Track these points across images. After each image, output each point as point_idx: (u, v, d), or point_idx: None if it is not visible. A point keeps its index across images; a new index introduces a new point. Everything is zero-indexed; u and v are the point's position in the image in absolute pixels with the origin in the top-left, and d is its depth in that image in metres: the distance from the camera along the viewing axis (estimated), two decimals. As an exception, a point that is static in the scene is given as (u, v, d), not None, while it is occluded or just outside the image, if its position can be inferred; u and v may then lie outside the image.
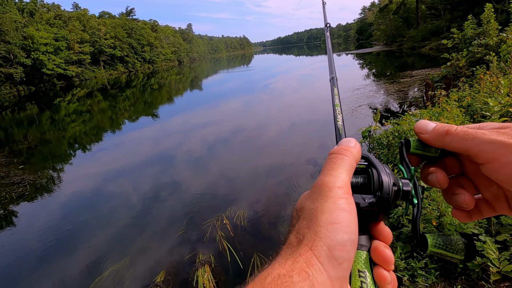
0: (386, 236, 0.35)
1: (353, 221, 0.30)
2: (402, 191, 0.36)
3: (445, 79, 6.06)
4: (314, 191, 0.32)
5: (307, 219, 0.30)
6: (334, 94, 0.56)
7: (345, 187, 0.32)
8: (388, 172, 0.35)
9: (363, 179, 0.36)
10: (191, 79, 33.31)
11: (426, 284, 2.05)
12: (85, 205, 5.27)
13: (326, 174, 0.33)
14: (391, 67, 19.78)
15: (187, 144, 8.30)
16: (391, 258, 0.32)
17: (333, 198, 0.30)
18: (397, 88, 11.23)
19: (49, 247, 4.08)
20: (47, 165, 7.96)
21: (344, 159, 0.34)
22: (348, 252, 0.28)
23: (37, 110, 19.38)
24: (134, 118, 13.95)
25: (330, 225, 0.28)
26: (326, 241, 0.28)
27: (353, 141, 0.37)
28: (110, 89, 28.77)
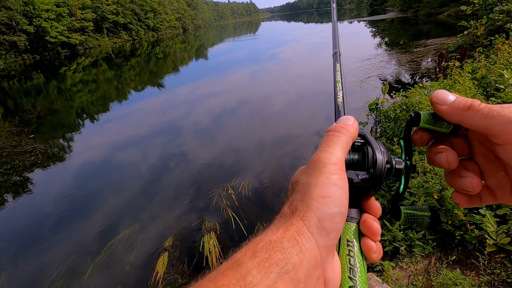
0: (376, 210, 0.37)
1: (344, 196, 0.31)
2: (394, 169, 0.37)
3: (460, 49, 5.75)
4: (309, 166, 0.34)
5: (301, 192, 0.31)
6: (336, 70, 0.55)
7: (339, 163, 0.33)
8: (383, 150, 0.36)
9: (358, 156, 0.37)
10: (196, 47, 32.44)
11: (422, 253, 2.12)
12: (96, 173, 5.44)
13: (322, 150, 0.34)
14: (405, 36, 18.81)
15: (193, 114, 8.30)
16: (378, 230, 0.34)
17: (327, 174, 0.31)
18: (410, 58, 10.77)
19: (65, 213, 4.30)
20: (57, 134, 8.13)
21: (340, 136, 0.35)
22: (336, 223, 0.30)
23: (43, 80, 19.36)
24: (140, 88, 13.87)
25: (322, 198, 0.30)
26: (317, 213, 0.29)
27: (351, 119, 0.38)
28: (114, 58, 28.32)
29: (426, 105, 2.99)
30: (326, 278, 0.30)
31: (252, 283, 0.24)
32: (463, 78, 3.49)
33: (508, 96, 3.38)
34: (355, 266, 0.32)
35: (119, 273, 3.02)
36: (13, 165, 6.00)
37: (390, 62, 10.74)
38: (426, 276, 1.85)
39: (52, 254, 3.47)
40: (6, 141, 7.44)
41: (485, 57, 4.39)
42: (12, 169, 5.85)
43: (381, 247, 0.35)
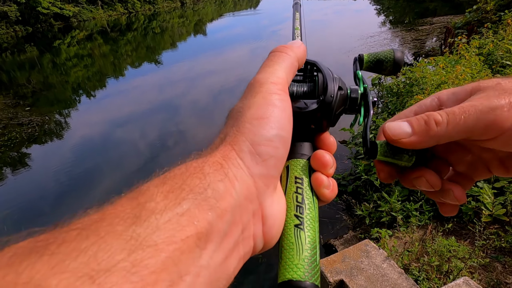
0: (330, 144, 0.33)
1: (285, 118, 0.27)
2: (349, 98, 0.33)
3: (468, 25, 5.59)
4: (245, 91, 0.29)
5: (233, 118, 0.27)
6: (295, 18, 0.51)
7: (280, 83, 0.28)
8: (335, 77, 0.33)
9: (308, 87, 0.34)
10: (194, 23, 31.43)
11: (418, 223, 2.17)
12: (95, 149, 5.43)
13: (260, 71, 0.30)
14: (410, 14, 18.28)
15: (192, 92, 8.19)
16: (330, 162, 0.30)
17: (263, 93, 0.27)
18: (414, 36, 10.52)
19: (65, 188, 4.33)
20: (53, 109, 8.02)
21: (282, 56, 0.31)
22: (275, 148, 0.25)
23: (37, 53, 18.84)
24: (137, 64, 13.57)
25: (256, 120, 0.25)
26: (249, 136, 0.25)
27: (298, 42, 0.34)
28: (110, 32, 27.47)
29: (430, 80, 2.94)
30: (264, 214, 0.25)
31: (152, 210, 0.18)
32: (469, 53, 3.42)
33: (514, 73, 3.32)
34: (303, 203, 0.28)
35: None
36: (10, 137, 5.96)
37: (394, 40, 10.49)
38: (422, 244, 1.90)
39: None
40: (2, 113, 7.35)
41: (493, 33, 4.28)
42: (9, 141, 5.81)
43: (336, 183, 0.31)
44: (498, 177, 2.33)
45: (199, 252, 0.19)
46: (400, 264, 1.74)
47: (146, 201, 0.19)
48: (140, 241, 0.16)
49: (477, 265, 1.79)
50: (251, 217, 0.24)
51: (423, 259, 1.79)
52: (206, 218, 0.19)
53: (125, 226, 0.17)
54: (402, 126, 0.30)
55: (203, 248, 0.19)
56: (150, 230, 0.17)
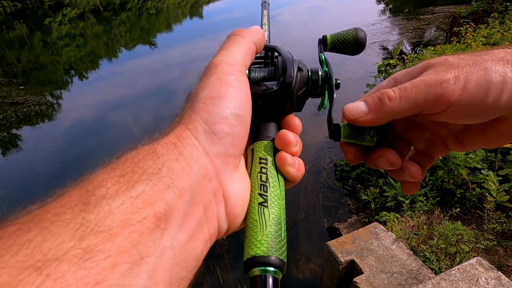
0: (295, 125, 0.33)
1: (241, 97, 0.27)
2: (310, 79, 0.33)
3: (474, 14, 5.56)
4: (202, 73, 0.29)
5: (189, 101, 0.27)
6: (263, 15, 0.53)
7: (236, 64, 0.28)
8: (296, 59, 0.33)
9: (269, 71, 0.34)
10: (191, 4, 30.53)
11: (424, 209, 2.21)
12: (87, 132, 5.32)
13: (217, 54, 0.30)
14: (411, 3, 18.06)
15: (187, 77, 8.01)
16: (292, 140, 0.30)
17: (218, 74, 0.27)
18: (416, 25, 10.43)
19: (58, 170, 4.26)
20: (45, 90, 7.80)
21: (238, 39, 0.31)
22: (231, 126, 0.25)
23: (26, 31, 18.16)
24: (131, 46, 13.20)
25: (210, 99, 0.25)
26: (203, 115, 0.25)
27: (257, 27, 0.34)
28: (103, 11, 26.56)
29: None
30: (226, 194, 0.25)
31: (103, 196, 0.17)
32: (476, 42, 3.41)
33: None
34: (267, 182, 0.28)
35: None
36: (5, 116, 5.80)
37: (395, 29, 10.41)
38: (429, 227, 1.95)
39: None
40: (-6, 92, 7.15)
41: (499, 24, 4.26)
42: (5, 120, 5.66)
43: (302, 162, 0.31)
44: (502, 165, 2.38)
45: (160, 232, 0.18)
46: (408, 246, 1.78)
47: (95, 188, 0.18)
48: (91, 227, 0.15)
49: (481, 248, 1.84)
50: (212, 197, 0.24)
51: (431, 241, 1.83)
52: (163, 198, 0.19)
53: (72, 214, 0.16)
54: (358, 105, 0.31)
55: (164, 229, 0.18)
56: (102, 215, 0.16)
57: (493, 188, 2.13)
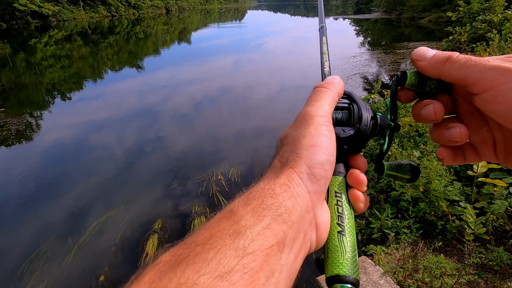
0: (362, 164, 0.38)
1: (331, 145, 0.33)
2: (379, 125, 0.38)
3: (444, 53, 6.05)
4: (297, 121, 0.35)
5: (290, 144, 0.33)
6: (322, 42, 0.58)
7: (326, 116, 0.34)
8: (368, 108, 0.38)
9: (344, 115, 0.39)
10: (179, 30, 31.30)
11: (408, 241, 2.27)
12: (67, 154, 5.16)
13: (309, 105, 0.36)
14: (387, 37, 19.39)
15: (172, 100, 8.08)
16: (364, 180, 0.36)
17: (315, 125, 0.33)
18: (392, 59, 11.16)
19: (31, 193, 4.06)
20: (24, 110, 7.58)
21: (327, 91, 0.37)
22: (325, 170, 0.31)
23: (9, 50, 17.84)
24: (118, 68, 13.22)
25: (311, 147, 0.31)
26: (306, 160, 0.31)
27: (337, 78, 0.39)
28: (91, 34, 26.67)
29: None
30: (317, 222, 0.32)
31: (246, 226, 0.25)
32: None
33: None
34: (343, 214, 0.34)
35: (105, 255, 2.95)
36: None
37: (375, 61, 11.07)
38: (414, 260, 1.99)
39: (30, 234, 3.30)
40: (-30, 114, 6.85)
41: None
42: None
43: (368, 198, 0.37)
44: (477, 198, 2.51)
45: (280, 255, 0.25)
46: (395, 281, 1.80)
47: (240, 220, 0.25)
48: (243, 250, 0.23)
49: (463, 282, 1.90)
50: (309, 225, 0.30)
51: (417, 275, 1.87)
52: (282, 229, 0.26)
53: (231, 240, 0.23)
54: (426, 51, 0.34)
55: (282, 252, 0.25)
56: (249, 241, 0.24)
57: (471, 220, 2.23)
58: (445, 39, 7.49)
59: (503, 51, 4.91)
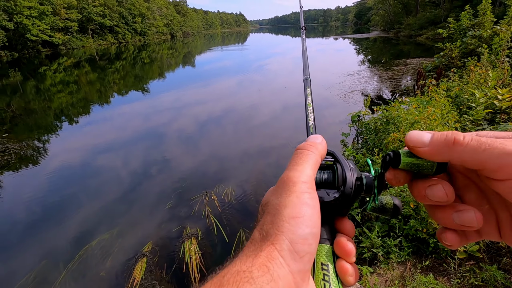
0: (349, 230, 0.36)
1: (315, 215, 0.30)
2: (365, 185, 0.36)
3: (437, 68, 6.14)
4: (279, 186, 0.33)
5: (271, 214, 0.30)
6: (306, 94, 0.57)
7: (309, 182, 0.32)
8: (352, 168, 0.36)
9: (328, 175, 0.37)
10: (183, 54, 32.39)
11: (398, 260, 2.20)
12: (73, 177, 5.23)
13: (291, 169, 0.33)
14: (386, 55, 19.71)
15: (177, 121, 8.23)
16: (353, 251, 0.33)
17: (297, 193, 0.30)
18: (391, 75, 11.28)
19: (37, 216, 4.09)
20: (33, 135, 7.78)
21: (309, 154, 0.35)
22: (309, 245, 0.29)
23: (20, 78, 18.59)
24: (124, 92, 13.60)
25: (293, 219, 0.29)
26: (288, 235, 0.28)
27: (319, 138, 0.38)
28: (98, 60, 27.74)
29: (405, 119, 3.15)
30: None
31: None
32: (439, 95, 3.71)
33: (479, 114, 3.62)
34: None
35: (93, 280, 2.90)
36: (-18, 164, 5.68)
37: (372, 78, 11.20)
38: (402, 281, 1.92)
39: (21, 259, 3.28)
40: (-23, 140, 7.05)
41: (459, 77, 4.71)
42: (-18, 168, 5.53)
43: (357, 268, 0.34)
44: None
45: None
46: (381, 303, 1.73)
47: None
48: None
49: (456, 303, 1.81)
50: None
51: (403, 297, 1.79)
52: None
53: None
54: (422, 135, 0.32)
55: None
56: None
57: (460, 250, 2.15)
58: (436, 55, 7.62)
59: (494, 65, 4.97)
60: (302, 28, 0.99)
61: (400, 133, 3.14)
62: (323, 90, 9.59)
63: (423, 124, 2.90)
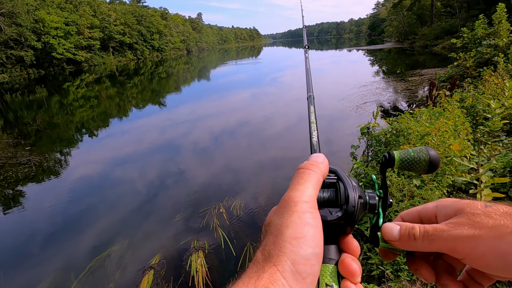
0: (354, 249, 0.35)
1: (318, 235, 0.30)
2: (368, 204, 0.37)
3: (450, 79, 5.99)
4: (280, 206, 0.33)
5: (273, 234, 0.30)
6: (310, 111, 0.57)
7: (311, 201, 0.32)
8: (355, 186, 0.36)
9: (330, 193, 0.37)
10: (199, 69, 33.28)
11: (408, 278, 2.10)
12: (90, 189, 5.39)
13: (293, 189, 0.34)
14: (401, 65, 19.46)
15: (192, 134, 8.40)
16: (358, 271, 0.33)
17: (298, 213, 0.31)
18: (405, 86, 11.10)
19: (53, 227, 4.23)
20: (54, 148, 8.14)
21: (311, 174, 0.35)
22: (312, 266, 0.28)
23: (46, 94, 19.65)
24: (141, 106, 14.06)
25: (295, 239, 0.29)
26: (290, 256, 0.28)
27: (321, 157, 0.38)
28: (118, 76, 28.96)
29: (415, 131, 3.08)
30: None
31: None
32: (452, 106, 3.61)
33: (496, 125, 3.48)
34: None
35: (102, 291, 2.94)
36: (5, 176, 5.97)
37: (386, 89, 11.05)
38: (411, 301, 1.82)
39: (36, 269, 3.38)
40: (2, 153, 7.45)
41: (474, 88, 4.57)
42: (5, 180, 5.82)
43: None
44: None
45: None
46: (388, 325, 1.65)
47: None
48: None
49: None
50: None
51: (412, 319, 1.70)
52: None
53: None
54: (393, 231, 0.36)
55: None
56: None
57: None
58: (450, 65, 7.45)
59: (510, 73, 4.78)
60: (305, 47, 1.00)
61: (410, 145, 3.06)
62: (335, 102, 9.55)
63: (434, 136, 2.82)
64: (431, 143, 2.73)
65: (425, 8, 38.94)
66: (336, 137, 6.57)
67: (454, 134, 2.87)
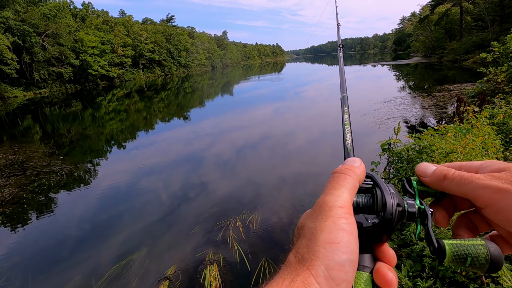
0: (390, 258, 0.34)
1: (353, 242, 0.29)
2: (407, 212, 0.35)
3: (480, 94, 5.70)
4: (315, 210, 0.32)
5: (307, 238, 0.30)
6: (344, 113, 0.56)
7: (346, 207, 0.31)
8: (393, 192, 0.34)
9: (366, 199, 0.35)
10: (223, 84, 34.20)
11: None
12: (119, 198, 5.57)
13: (328, 193, 0.33)
14: (429, 80, 18.81)
15: (215, 146, 8.57)
16: (394, 281, 0.31)
17: (333, 218, 0.30)
18: (432, 102, 10.69)
19: (87, 233, 4.41)
20: (85, 158, 8.62)
21: (347, 178, 0.34)
22: (346, 273, 0.28)
23: (80, 107, 21.02)
24: (167, 119, 14.61)
25: (329, 244, 0.28)
26: (324, 261, 0.27)
27: (357, 161, 0.37)
28: (146, 91, 30.44)
29: (439, 147, 2.94)
30: None
31: None
32: (480, 123, 3.43)
33: (531, 143, 3.24)
34: None
35: (119, 299, 3.00)
36: (39, 183, 6.39)
37: (412, 105, 10.70)
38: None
39: (60, 274, 3.53)
40: (38, 161, 8.00)
41: (506, 103, 4.31)
42: (38, 187, 6.22)
43: None
44: (520, 256, 2.13)
45: None
46: None
47: None
48: None
49: None
50: None
51: None
52: None
53: None
54: (427, 168, 0.39)
55: None
56: None
57: (508, 285, 1.88)
58: (479, 80, 7.10)
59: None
60: (340, 46, 0.98)
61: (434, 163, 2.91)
62: (358, 117, 9.37)
63: (460, 153, 2.68)
64: (456, 161, 2.60)
65: (453, 22, 37.82)
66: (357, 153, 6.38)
67: (482, 152, 2.72)
